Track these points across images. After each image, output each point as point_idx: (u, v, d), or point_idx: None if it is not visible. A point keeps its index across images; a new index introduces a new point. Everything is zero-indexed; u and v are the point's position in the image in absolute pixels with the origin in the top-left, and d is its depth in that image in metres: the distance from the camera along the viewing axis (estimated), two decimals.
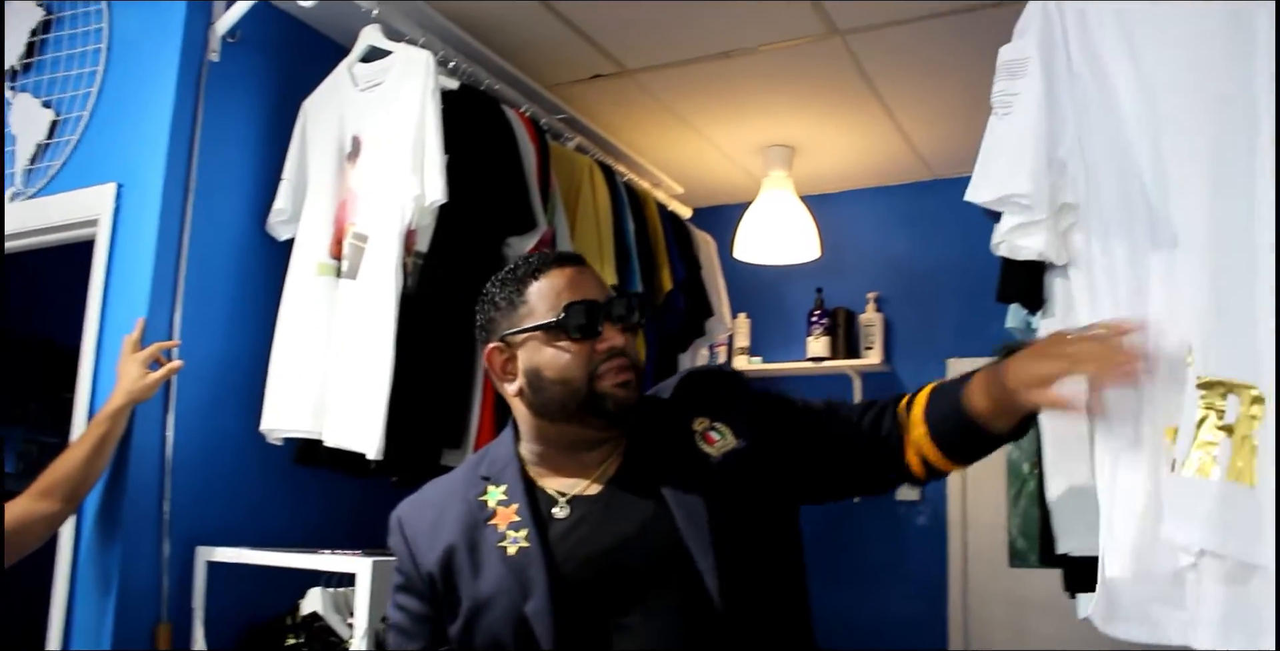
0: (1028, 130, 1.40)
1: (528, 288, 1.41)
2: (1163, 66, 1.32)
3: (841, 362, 3.98)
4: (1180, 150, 1.29)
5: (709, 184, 4.19)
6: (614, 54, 3.11)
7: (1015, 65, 1.45)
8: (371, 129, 2.42)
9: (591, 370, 1.37)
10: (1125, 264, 1.34)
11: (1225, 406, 1.12)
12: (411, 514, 1.50)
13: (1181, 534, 1.08)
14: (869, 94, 3.36)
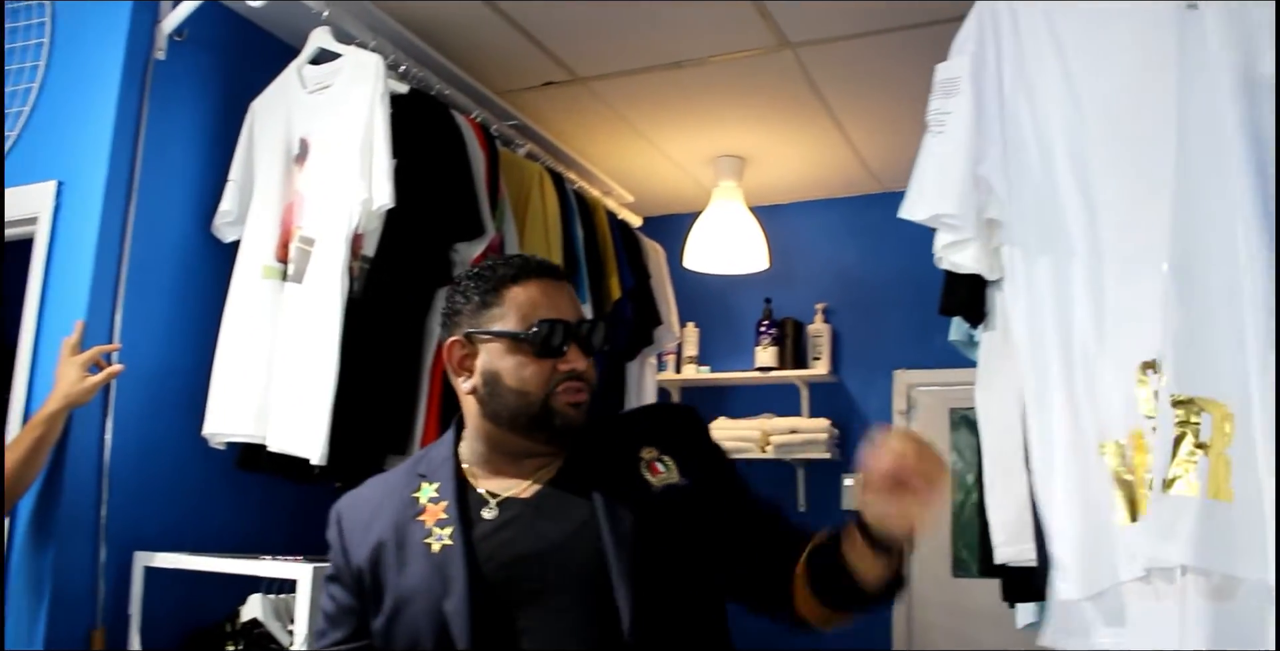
0: (958, 150, 1.43)
1: (504, 291, 1.41)
2: (1096, 89, 1.35)
3: (789, 373, 4.01)
4: (1115, 171, 1.31)
5: (659, 193, 4.21)
6: (566, 61, 3.12)
7: (950, 84, 1.47)
8: (320, 132, 2.40)
9: (549, 387, 1.38)
10: (1050, 278, 1.36)
11: (1200, 424, 1.14)
12: (349, 508, 1.49)
13: (1169, 552, 1.10)
14: (819, 106, 3.40)
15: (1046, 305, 1.34)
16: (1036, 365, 1.36)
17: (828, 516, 3.87)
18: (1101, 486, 1.27)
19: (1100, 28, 1.36)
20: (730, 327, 4.20)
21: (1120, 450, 1.26)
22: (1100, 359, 1.29)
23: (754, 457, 3.87)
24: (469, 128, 2.65)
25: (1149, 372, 1.25)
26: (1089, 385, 1.29)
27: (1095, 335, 1.29)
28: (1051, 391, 1.33)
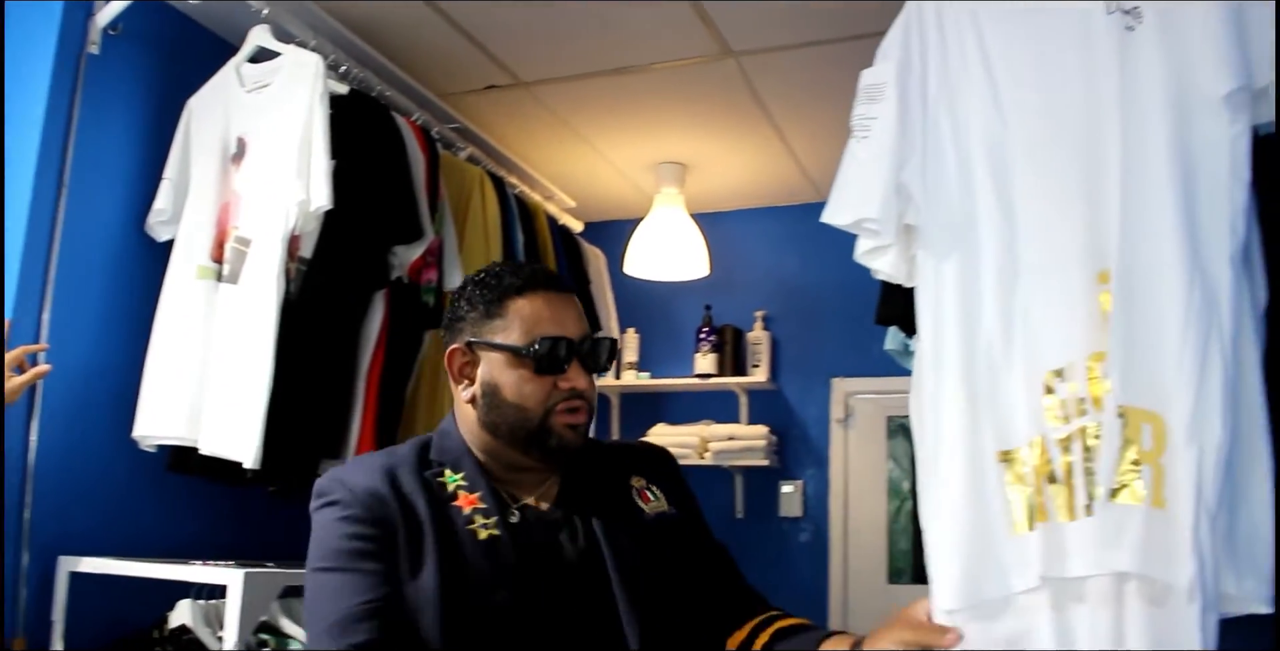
0: (882, 155, 1.42)
1: (509, 302, 1.39)
2: (1021, 101, 1.36)
3: (728, 379, 4.03)
4: (1033, 183, 1.33)
5: (601, 198, 4.21)
6: (509, 65, 3.11)
7: (874, 90, 1.47)
8: (257, 131, 2.37)
9: (549, 404, 1.37)
10: (959, 285, 1.36)
11: (1141, 435, 1.15)
12: (358, 471, 1.39)
13: (1117, 559, 1.11)
14: (761, 115, 3.43)
15: (954, 312, 1.36)
16: (938, 370, 1.37)
17: (766, 523, 3.93)
18: (995, 495, 1.27)
19: (1029, 41, 1.38)
20: (670, 334, 4.22)
21: (1021, 458, 1.27)
22: (1006, 366, 1.30)
23: (692, 464, 3.88)
24: (409, 130, 2.64)
25: (1057, 381, 1.26)
26: (992, 392, 1.30)
27: (1002, 343, 1.31)
28: (950, 397, 1.34)
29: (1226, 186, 1.19)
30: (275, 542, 2.60)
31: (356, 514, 1.33)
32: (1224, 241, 1.18)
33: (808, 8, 2.71)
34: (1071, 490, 1.21)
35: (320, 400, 2.31)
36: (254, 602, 1.96)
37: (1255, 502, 1.13)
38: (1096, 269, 1.25)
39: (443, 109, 3.15)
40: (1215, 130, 1.20)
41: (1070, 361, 1.25)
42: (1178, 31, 1.24)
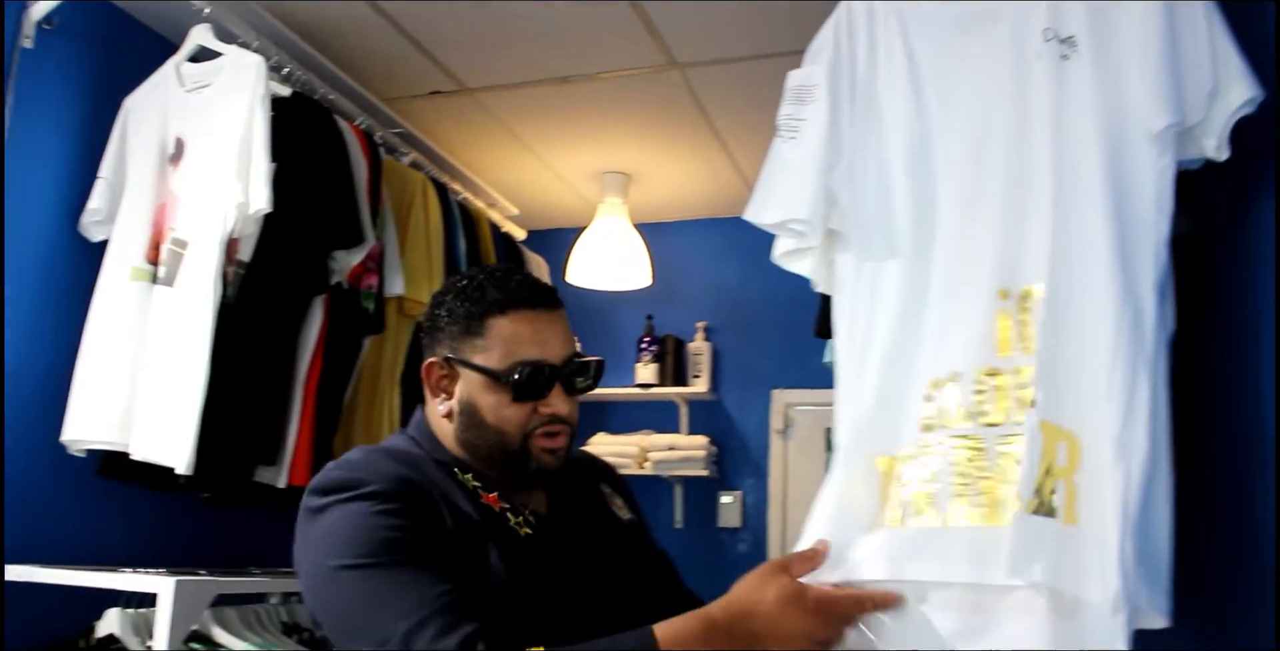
0: (811, 158, 1.43)
1: (490, 320, 1.35)
2: (947, 119, 1.38)
3: (669, 390, 4.04)
4: (954, 198, 1.35)
5: (544, 207, 4.20)
6: (454, 71, 3.10)
7: (804, 91, 1.48)
8: (196, 132, 2.34)
9: (528, 429, 1.35)
10: (871, 293, 1.39)
11: (1056, 452, 1.18)
12: (380, 465, 1.31)
13: (1033, 571, 1.13)
14: (705, 127, 3.44)
15: (863, 318, 1.39)
16: (843, 374, 1.39)
17: (705, 533, 3.93)
18: (869, 497, 1.30)
19: (959, 60, 1.39)
20: (611, 343, 4.21)
21: (894, 463, 1.29)
22: (903, 374, 1.32)
23: (632, 474, 3.88)
24: (352, 134, 2.61)
25: (940, 389, 1.28)
26: (884, 398, 1.33)
27: (903, 351, 1.33)
28: (848, 402, 1.37)
29: (1152, 217, 1.22)
30: (208, 550, 2.56)
31: (398, 505, 1.25)
32: (1150, 269, 1.21)
33: (754, 21, 2.73)
34: (959, 497, 1.22)
35: (256, 406, 2.28)
36: (185, 611, 1.92)
37: (1158, 521, 1.16)
38: (998, 286, 1.28)
39: (386, 114, 3.13)
40: (1145, 163, 1.24)
41: (955, 372, 1.27)
42: (1113, 64, 1.27)
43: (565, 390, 1.36)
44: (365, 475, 1.27)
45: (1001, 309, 1.27)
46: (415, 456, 1.37)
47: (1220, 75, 1.21)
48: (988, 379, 1.26)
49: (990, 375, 1.26)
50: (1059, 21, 1.32)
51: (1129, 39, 1.27)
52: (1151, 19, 1.24)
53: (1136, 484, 1.13)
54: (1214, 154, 1.23)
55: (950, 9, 1.43)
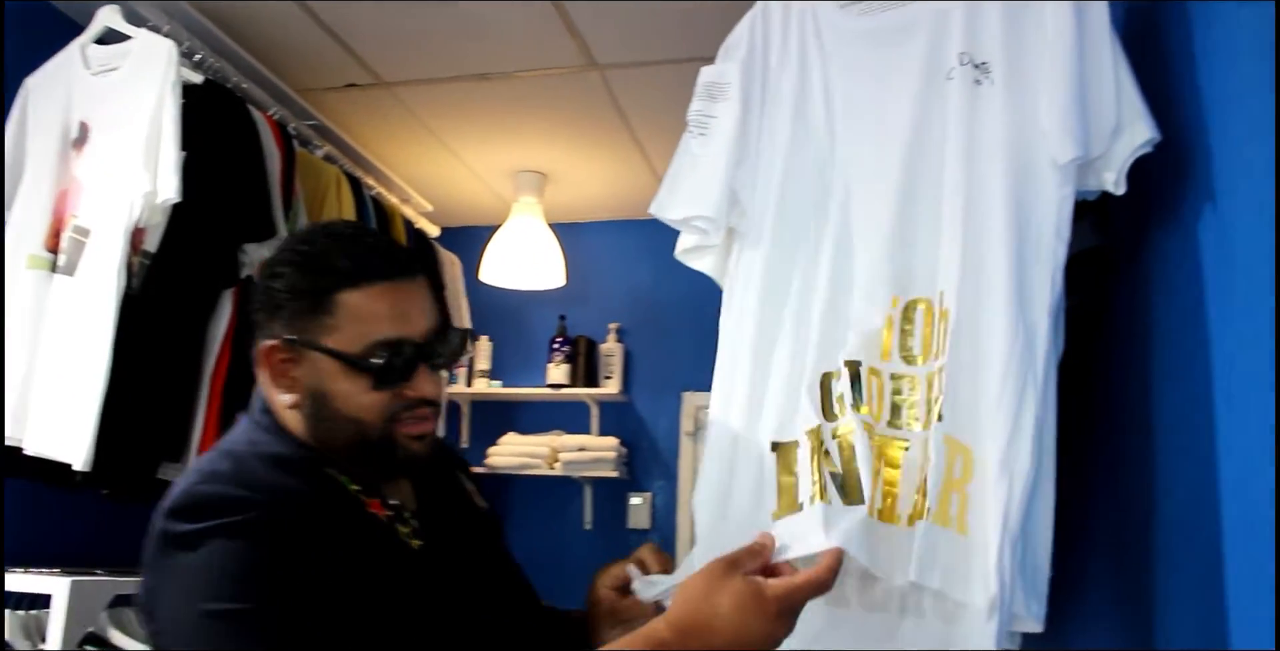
0: (720, 155, 1.44)
1: (339, 296, 1.13)
2: (852, 125, 1.40)
3: (580, 390, 4.04)
4: (852, 213, 1.37)
5: (458, 204, 4.16)
6: (371, 64, 3.05)
7: (716, 88, 1.49)
8: (102, 116, 2.26)
9: (391, 414, 1.16)
10: (761, 288, 1.40)
11: (955, 463, 1.21)
12: (246, 474, 1.11)
13: (930, 578, 1.16)
14: (622, 128, 3.45)
15: (754, 311, 1.40)
16: (730, 363, 1.41)
17: (614, 534, 3.93)
18: (759, 484, 1.32)
19: (871, 77, 1.41)
20: (523, 343, 4.19)
21: (790, 452, 1.31)
22: (793, 368, 1.35)
23: (542, 474, 3.87)
24: (265, 124, 2.55)
25: (833, 382, 1.31)
26: (768, 386, 1.35)
27: (791, 345, 1.35)
28: (735, 389, 1.38)
29: (1051, 244, 1.26)
30: (107, 549, 2.46)
31: (291, 533, 1.06)
32: (1045, 293, 1.25)
33: (675, 24, 2.74)
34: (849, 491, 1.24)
35: (160, 400, 2.21)
36: (80, 613, 1.85)
37: (1039, 533, 1.20)
38: (891, 294, 1.31)
39: (300, 105, 3.06)
40: (1047, 191, 1.27)
41: (838, 368, 1.31)
42: (1024, 93, 1.30)
43: (431, 369, 1.17)
44: (246, 492, 1.07)
45: (890, 316, 1.31)
46: (290, 458, 1.16)
47: (1123, 114, 1.24)
48: (871, 378, 1.29)
49: (873, 375, 1.29)
50: (974, 47, 1.34)
51: (1041, 70, 1.30)
52: (1063, 53, 1.28)
53: (1019, 498, 1.17)
54: (1112, 188, 1.26)
55: (866, 21, 1.45)
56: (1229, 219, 1.10)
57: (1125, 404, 1.37)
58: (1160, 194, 1.29)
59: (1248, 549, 0.96)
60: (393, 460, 1.18)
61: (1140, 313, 1.37)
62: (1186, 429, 1.15)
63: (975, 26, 1.35)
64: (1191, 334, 1.16)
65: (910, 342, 1.29)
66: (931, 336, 1.28)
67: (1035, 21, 1.33)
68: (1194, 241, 1.18)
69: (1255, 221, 1.00)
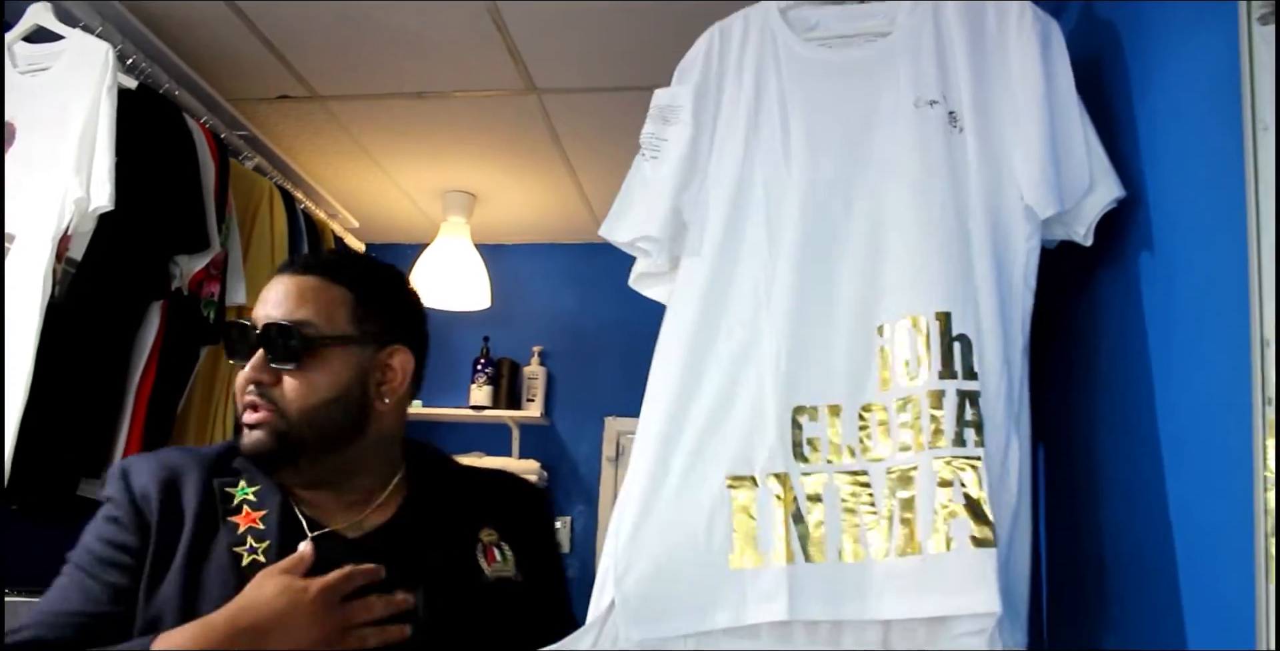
0: (670, 177, 1.44)
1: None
2: (809, 157, 1.40)
3: (502, 412, 4.01)
4: (815, 237, 1.37)
5: (385, 221, 4.12)
6: (305, 77, 3.01)
7: (670, 111, 1.48)
8: (31, 117, 2.17)
9: (239, 397, 1.26)
10: (701, 310, 1.38)
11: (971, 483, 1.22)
12: (143, 468, 1.27)
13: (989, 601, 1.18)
14: (556, 153, 3.45)
15: (694, 335, 1.37)
16: (676, 390, 1.36)
17: None
18: (719, 521, 1.28)
19: (831, 112, 1.42)
20: (446, 363, 4.14)
21: (757, 487, 1.28)
22: (753, 397, 1.32)
23: None
24: (200, 133, 2.49)
25: (806, 419, 1.29)
26: (725, 419, 1.31)
27: (753, 373, 1.33)
28: (674, 419, 1.34)
29: (1021, 291, 1.30)
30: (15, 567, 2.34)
31: (119, 516, 1.23)
32: (1020, 336, 1.28)
33: (617, 53, 2.76)
34: (858, 531, 1.25)
35: (82, 414, 2.12)
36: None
37: (1020, 560, 1.22)
38: (875, 323, 1.31)
39: (231, 114, 2.99)
40: (1017, 241, 1.31)
41: (824, 403, 1.29)
42: (992, 143, 1.34)
43: (270, 357, 1.23)
44: (122, 477, 1.26)
45: (881, 345, 1.30)
46: (201, 462, 1.28)
47: (1095, 171, 1.30)
48: (868, 414, 1.29)
49: (868, 411, 1.29)
50: (944, 93, 1.36)
51: (1009, 120, 1.34)
52: (1035, 106, 1.32)
53: (1008, 516, 1.20)
54: (1081, 239, 1.32)
55: (827, 53, 1.46)
56: (1167, 257, 1.17)
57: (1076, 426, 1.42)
58: (1109, 238, 1.34)
59: None
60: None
61: (1087, 336, 1.42)
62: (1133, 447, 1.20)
63: (944, 72, 1.38)
64: (1136, 354, 1.22)
65: (907, 365, 1.28)
66: (929, 357, 1.27)
67: (999, 69, 1.37)
68: (1135, 276, 1.25)
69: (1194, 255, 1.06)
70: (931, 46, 1.39)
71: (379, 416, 1.29)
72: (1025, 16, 1.37)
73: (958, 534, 1.18)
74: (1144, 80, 1.29)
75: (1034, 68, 1.34)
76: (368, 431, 1.28)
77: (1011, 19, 1.37)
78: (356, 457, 1.29)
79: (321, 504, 1.29)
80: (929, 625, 1.21)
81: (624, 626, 1.24)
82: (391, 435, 1.33)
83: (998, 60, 1.37)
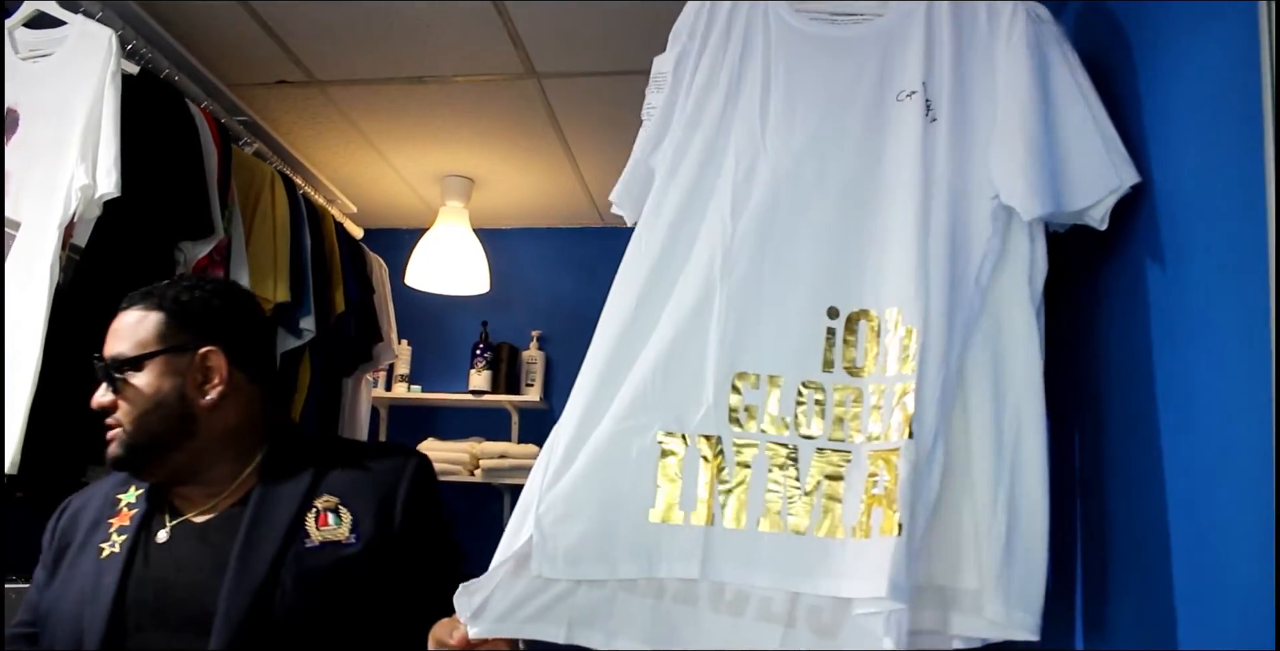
0: (650, 141, 1.46)
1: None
2: (786, 135, 1.38)
3: (501, 397, 4.02)
4: (786, 213, 1.35)
5: (383, 206, 4.11)
6: (305, 61, 3.00)
7: (660, 78, 1.50)
8: (34, 103, 2.16)
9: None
10: (654, 267, 1.37)
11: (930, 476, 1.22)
12: (78, 496, 1.55)
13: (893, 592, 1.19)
14: (555, 137, 3.45)
15: (642, 289, 1.37)
16: (617, 338, 1.36)
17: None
18: (642, 472, 1.27)
19: (815, 82, 1.41)
20: (445, 348, 4.15)
21: (685, 445, 1.28)
22: (697, 357, 1.30)
23: (462, 481, 3.83)
24: (203, 119, 2.48)
25: (755, 388, 1.29)
26: (666, 375, 1.30)
27: (698, 335, 1.31)
28: (624, 367, 1.33)
29: (970, 290, 1.29)
30: (17, 554, 2.35)
31: (50, 527, 1.49)
32: (959, 336, 1.27)
33: (616, 37, 2.75)
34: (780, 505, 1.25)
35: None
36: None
37: (1035, 546, 1.23)
38: (827, 304, 1.31)
39: (231, 99, 2.98)
40: (977, 242, 1.30)
41: (773, 375, 1.29)
42: (965, 139, 1.33)
43: (108, 384, 1.45)
44: (56, 513, 1.55)
45: (831, 327, 1.30)
46: (120, 476, 1.52)
47: (1115, 162, 1.29)
48: (806, 391, 1.28)
49: (809, 388, 1.29)
50: (925, 82, 1.36)
51: (985, 117, 1.34)
52: (1021, 105, 1.31)
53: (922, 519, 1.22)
54: (1098, 225, 1.31)
55: (818, 27, 1.45)
56: (1180, 244, 1.18)
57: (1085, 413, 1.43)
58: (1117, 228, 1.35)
59: None
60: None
61: (1089, 328, 1.43)
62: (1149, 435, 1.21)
63: (927, 62, 1.37)
64: (1141, 341, 1.23)
65: (853, 354, 1.29)
66: (876, 350, 1.28)
67: (984, 65, 1.36)
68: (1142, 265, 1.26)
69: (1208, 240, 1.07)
70: (920, 33, 1.39)
71: (207, 413, 1.44)
72: (1017, 16, 1.36)
73: (876, 521, 1.19)
74: (1152, 70, 1.29)
75: (1021, 68, 1.32)
76: (198, 428, 1.43)
77: (1003, 19, 1.36)
78: (199, 451, 1.44)
79: (189, 496, 1.45)
80: (835, 604, 1.23)
81: (536, 562, 1.24)
82: (233, 426, 1.46)
83: (983, 57, 1.36)
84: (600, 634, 1.29)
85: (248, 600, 1.29)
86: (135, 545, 1.38)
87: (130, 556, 1.36)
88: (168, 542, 1.39)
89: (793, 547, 1.23)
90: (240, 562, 1.32)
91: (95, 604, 1.33)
